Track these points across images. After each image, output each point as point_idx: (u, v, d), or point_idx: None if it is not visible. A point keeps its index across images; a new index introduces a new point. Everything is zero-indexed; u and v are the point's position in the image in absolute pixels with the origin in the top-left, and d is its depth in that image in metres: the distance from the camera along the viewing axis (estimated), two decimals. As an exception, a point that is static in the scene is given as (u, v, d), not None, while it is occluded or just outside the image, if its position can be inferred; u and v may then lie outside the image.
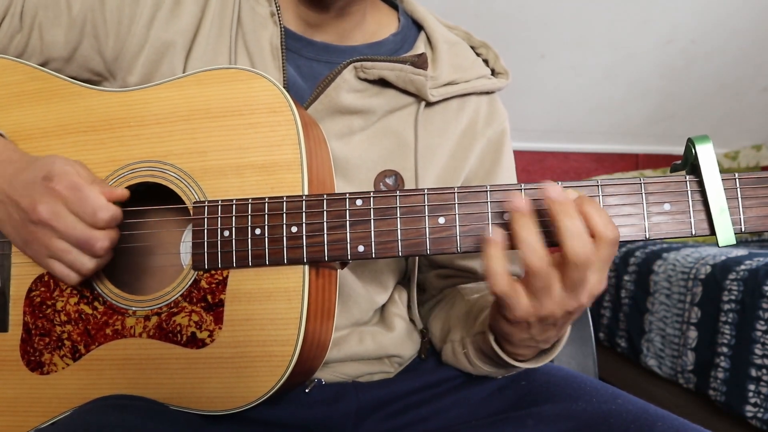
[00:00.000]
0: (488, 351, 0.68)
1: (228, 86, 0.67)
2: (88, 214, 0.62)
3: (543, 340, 0.62)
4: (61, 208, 0.62)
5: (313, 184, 0.65)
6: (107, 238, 0.63)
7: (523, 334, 0.61)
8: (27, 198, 0.63)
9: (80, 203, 0.62)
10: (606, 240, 0.54)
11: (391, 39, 0.83)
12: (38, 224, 0.62)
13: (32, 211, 0.62)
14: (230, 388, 0.63)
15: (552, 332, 0.61)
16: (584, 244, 0.52)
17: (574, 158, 3.07)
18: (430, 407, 0.74)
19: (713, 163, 0.56)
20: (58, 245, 0.63)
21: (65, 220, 0.62)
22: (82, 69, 0.78)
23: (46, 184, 0.63)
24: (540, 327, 0.59)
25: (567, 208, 0.53)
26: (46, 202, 0.62)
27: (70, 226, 0.62)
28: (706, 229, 0.57)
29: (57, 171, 0.63)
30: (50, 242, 0.63)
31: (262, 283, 0.63)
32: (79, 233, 0.62)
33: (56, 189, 0.62)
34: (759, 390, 1.57)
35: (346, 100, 0.75)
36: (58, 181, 0.62)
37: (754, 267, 1.67)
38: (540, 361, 0.68)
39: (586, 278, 0.54)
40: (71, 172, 0.64)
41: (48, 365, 0.68)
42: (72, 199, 0.62)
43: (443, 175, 0.80)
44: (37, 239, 0.63)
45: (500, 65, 0.85)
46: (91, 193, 0.63)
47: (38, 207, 0.62)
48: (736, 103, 2.86)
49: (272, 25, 0.76)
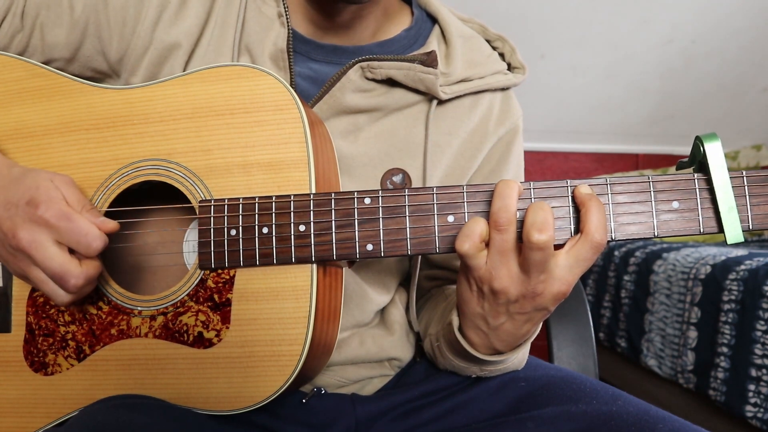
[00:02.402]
0: (451, 339, 0.69)
1: (233, 83, 0.66)
2: (82, 243, 0.60)
3: (496, 327, 0.63)
4: (44, 238, 0.60)
5: (320, 182, 0.65)
6: (83, 275, 0.60)
7: (476, 307, 0.62)
8: (8, 221, 0.61)
9: (71, 233, 0.60)
10: (589, 239, 0.56)
11: (403, 35, 0.81)
12: (17, 250, 0.60)
13: (12, 237, 0.60)
14: (238, 388, 0.63)
15: (504, 319, 0.62)
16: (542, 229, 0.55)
17: (574, 158, 3.07)
18: (430, 412, 0.74)
19: (722, 161, 0.57)
20: (35, 274, 0.61)
21: (44, 252, 0.60)
22: (85, 68, 0.77)
23: (30, 211, 0.60)
24: (492, 305, 0.60)
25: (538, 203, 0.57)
26: (28, 229, 0.60)
27: (47, 258, 0.59)
28: (715, 227, 0.57)
29: (42, 197, 0.61)
30: (28, 269, 0.61)
31: (269, 282, 0.63)
32: (56, 266, 0.59)
33: (43, 217, 0.60)
34: (759, 390, 1.57)
35: (351, 101, 0.74)
36: (45, 209, 0.60)
37: (754, 267, 1.67)
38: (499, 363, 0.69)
39: (544, 264, 0.56)
40: (58, 199, 0.61)
41: (52, 366, 0.67)
42: (62, 229, 0.60)
43: (450, 173, 0.80)
44: (17, 262, 0.62)
45: (516, 59, 0.84)
46: (82, 223, 0.60)
47: (18, 233, 0.60)
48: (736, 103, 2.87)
49: (279, 26, 0.75)
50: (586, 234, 0.56)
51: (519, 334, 0.64)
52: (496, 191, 0.57)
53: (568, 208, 0.59)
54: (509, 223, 0.56)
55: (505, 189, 0.57)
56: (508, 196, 0.57)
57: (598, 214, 0.56)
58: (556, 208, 0.59)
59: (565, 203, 0.59)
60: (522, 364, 0.75)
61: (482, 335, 0.65)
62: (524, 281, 0.58)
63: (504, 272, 0.58)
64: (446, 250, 0.60)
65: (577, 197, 0.58)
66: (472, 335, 0.66)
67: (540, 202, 0.56)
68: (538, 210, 0.56)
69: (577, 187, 0.59)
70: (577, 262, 0.57)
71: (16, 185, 0.63)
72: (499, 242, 0.57)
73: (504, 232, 0.56)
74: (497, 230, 0.56)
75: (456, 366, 0.73)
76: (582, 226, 0.56)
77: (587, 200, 0.57)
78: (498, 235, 0.57)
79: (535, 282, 0.57)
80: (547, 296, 0.58)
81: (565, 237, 0.59)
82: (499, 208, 0.56)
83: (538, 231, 0.54)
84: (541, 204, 0.56)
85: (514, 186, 0.57)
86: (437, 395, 0.75)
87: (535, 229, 0.54)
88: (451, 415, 0.73)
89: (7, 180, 0.64)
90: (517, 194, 0.57)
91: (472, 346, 0.67)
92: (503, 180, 0.58)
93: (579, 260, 0.56)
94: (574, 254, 0.57)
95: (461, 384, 0.76)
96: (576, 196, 0.58)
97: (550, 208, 0.56)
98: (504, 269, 0.57)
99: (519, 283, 0.58)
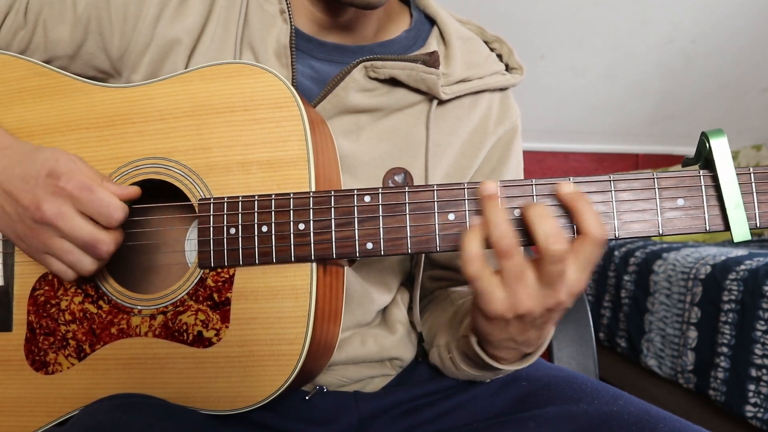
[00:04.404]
0: (471, 354, 0.67)
1: (232, 81, 0.66)
2: (103, 214, 0.61)
3: (524, 341, 0.61)
4: (68, 209, 0.61)
5: (320, 180, 0.64)
6: (113, 241, 0.62)
7: (502, 334, 0.60)
8: (28, 194, 0.61)
9: (93, 204, 0.61)
10: (591, 238, 0.53)
11: (404, 36, 0.82)
12: (40, 223, 0.61)
13: (36, 210, 0.60)
14: (237, 387, 0.62)
15: (532, 333, 0.60)
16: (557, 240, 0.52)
17: (574, 158, 3.07)
18: (431, 411, 0.73)
19: (728, 157, 0.55)
20: (60, 245, 0.61)
21: (72, 222, 0.60)
22: (87, 67, 0.77)
23: (52, 182, 0.61)
24: (519, 326, 0.58)
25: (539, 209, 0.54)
26: (52, 201, 0.60)
27: (76, 228, 0.60)
28: (721, 224, 0.56)
29: (63, 169, 0.61)
30: (51, 241, 0.62)
31: (269, 281, 0.63)
32: (87, 235, 0.61)
33: (66, 188, 0.61)
34: (759, 390, 1.57)
35: (354, 100, 0.74)
36: (67, 180, 0.61)
37: (754, 267, 1.67)
38: (524, 362, 0.67)
39: (563, 273, 0.54)
40: (78, 170, 0.62)
41: (53, 365, 0.67)
42: (84, 200, 0.61)
43: (451, 173, 0.80)
44: (36, 236, 0.62)
45: (514, 60, 0.84)
46: (104, 194, 0.61)
47: (43, 206, 0.60)
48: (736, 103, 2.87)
49: (281, 23, 0.75)
50: (587, 234, 0.54)
51: (545, 334, 0.63)
52: (488, 221, 0.55)
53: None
54: (514, 246, 0.54)
55: (494, 216, 0.54)
56: (500, 222, 0.54)
57: (591, 210, 0.54)
58: None
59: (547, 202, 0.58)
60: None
61: (512, 351, 0.64)
62: (547, 295, 0.55)
63: (524, 295, 0.55)
64: (447, 248, 0.59)
65: (563, 199, 0.56)
66: (501, 353, 0.64)
67: (539, 209, 0.54)
68: (544, 219, 0.53)
69: (558, 188, 0.56)
70: (587, 262, 0.55)
71: (32, 159, 0.63)
72: (511, 268, 0.54)
73: (513, 257, 0.54)
74: (506, 258, 0.54)
75: (471, 375, 0.72)
76: (580, 228, 0.54)
77: (575, 201, 0.55)
78: (508, 262, 0.54)
79: (560, 292, 0.55)
80: (569, 299, 0.56)
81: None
82: (499, 237, 0.54)
83: (554, 243, 0.52)
84: (542, 211, 0.54)
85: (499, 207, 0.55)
86: (439, 394, 0.75)
87: (551, 241, 0.52)
88: (452, 414, 0.73)
89: (21, 154, 0.64)
90: (505, 214, 0.55)
91: (500, 362, 0.66)
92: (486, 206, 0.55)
93: (588, 260, 0.55)
94: (582, 256, 0.54)
95: (463, 384, 0.75)
96: (560, 198, 0.56)
97: (550, 211, 0.54)
98: (523, 292, 0.55)
99: (542, 298, 0.55)
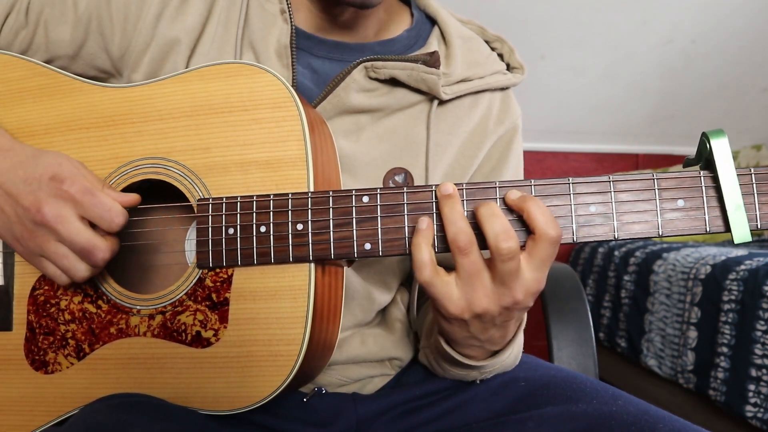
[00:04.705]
0: (443, 353, 0.69)
1: (231, 81, 0.66)
2: (105, 218, 0.61)
3: (487, 339, 0.62)
4: (69, 212, 0.61)
5: (319, 181, 0.64)
6: (109, 249, 0.62)
7: (464, 332, 0.61)
8: (30, 196, 0.61)
9: (95, 207, 0.61)
10: (545, 238, 0.55)
11: (404, 35, 0.81)
12: (40, 225, 0.61)
13: (36, 212, 0.60)
14: (236, 387, 0.62)
15: (494, 331, 0.61)
16: (507, 238, 0.54)
17: (574, 158, 3.07)
18: (430, 411, 0.74)
19: (728, 158, 0.55)
20: (56, 249, 0.61)
21: (70, 226, 0.60)
22: (88, 66, 0.77)
23: (55, 185, 0.61)
24: (479, 325, 0.60)
25: (490, 209, 0.56)
26: (53, 204, 0.61)
27: (74, 232, 0.60)
28: (721, 225, 0.56)
29: (66, 173, 0.62)
30: (47, 244, 0.62)
31: (267, 281, 0.63)
32: (84, 241, 0.61)
33: (69, 192, 0.61)
34: (759, 390, 1.57)
35: (355, 100, 0.74)
36: (71, 184, 0.61)
37: (754, 267, 1.67)
38: (497, 359, 0.68)
39: (517, 272, 0.55)
40: (81, 175, 0.62)
41: (52, 364, 0.67)
42: (86, 204, 0.61)
43: (451, 173, 0.79)
44: (34, 238, 0.62)
45: (515, 59, 0.84)
46: (106, 198, 0.62)
47: (44, 208, 0.60)
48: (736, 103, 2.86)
49: (282, 22, 0.75)
50: (540, 234, 0.55)
51: (509, 332, 0.64)
52: (444, 218, 0.56)
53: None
54: (471, 243, 0.55)
55: (451, 214, 0.56)
56: (457, 219, 0.56)
57: (541, 209, 0.55)
58: None
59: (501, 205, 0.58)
60: (519, 356, 0.74)
61: (477, 349, 0.66)
62: (503, 294, 0.57)
63: (480, 293, 0.57)
64: (445, 249, 0.59)
65: (512, 204, 0.57)
66: (467, 351, 0.67)
67: (489, 208, 0.55)
68: (493, 218, 0.55)
69: (506, 196, 0.58)
70: (542, 261, 0.56)
71: (35, 161, 0.63)
72: (467, 265, 0.56)
73: (469, 253, 0.55)
74: (463, 254, 0.55)
75: (456, 374, 0.73)
76: (532, 228, 0.55)
77: (522, 203, 0.56)
78: (465, 258, 0.55)
79: (515, 291, 0.56)
80: (527, 298, 0.58)
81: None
82: (455, 234, 0.55)
83: (504, 240, 0.53)
84: (492, 210, 0.55)
85: (457, 206, 0.57)
86: (438, 395, 0.75)
87: (501, 239, 0.54)
88: (451, 415, 0.73)
89: (23, 156, 0.64)
90: (462, 212, 0.56)
91: (470, 359, 0.67)
92: (444, 203, 0.57)
93: (543, 259, 0.56)
94: (536, 255, 0.56)
95: (462, 384, 0.76)
96: (509, 203, 0.58)
97: (500, 210, 0.55)
98: (479, 290, 0.56)
99: (498, 297, 0.57)
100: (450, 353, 0.67)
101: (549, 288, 1.14)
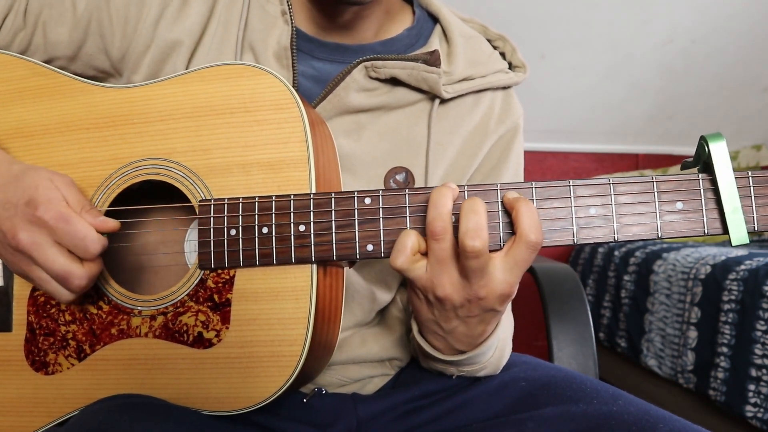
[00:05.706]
0: (415, 342, 0.71)
1: (233, 82, 0.66)
2: (79, 247, 0.60)
3: (450, 331, 0.64)
4: (44, 239, 0.60)
5: (320, 182, 0.64)
6: (86, 275, 0.61)
7: (428, 315, 0.63)
8: (7, 221, 0.61)
9: (68, 236, 0.60)
10: (524, 240, 0.56)
11: (405, 34, 0.81)
12: (17, 251, 0.61)
13: (12, 238, 0.60)
14: (237, 388, 0.62)
15: (458, 325, 0.63)
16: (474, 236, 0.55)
17: (574, 158, 3.07)
18: (430, 412, 0.74)
19: (727, 161, 0.56)
20: (38, 274, 0.61)
21: (45, 253, 0.60)
22: (87, 67, 0.77)
23: (30, 211, 0.60)
24: (441, 311, 0.61)
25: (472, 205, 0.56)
26: (28, 230, 0.60)
27: (49, 259, 0.60)
28: (719, 228, 0.57)
29: (42, 198, 0.61)
30: (29, 268, 0.62)
31: (269, 282, 0.63)
32: (59, 268, 0.60)
33: (42, 218, 0.60)
34: (759, 390, 1.57)
35: (355, 100, 0.74)
36: (45, 211, 0.60)
37: (754, 267, 1.67)
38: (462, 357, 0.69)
39: (483, 270, 0.56)
40: (57, 200, 0.61)
41: (53, 365, 0.67)
42: (59, 231, 0.60)
43: (451, 172, 0.79)
44: (17, 263, 0.62)
45: (517, 58, 0.84)
46: (81, 225, 0.60)
47: (18, 234, 0.60)
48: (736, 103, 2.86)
49: (283, 24, 0.75)
50: (520, 236, 0.56)
51: (475, 334, 0.65)
52: (430, 200, 0.58)
53: (499, 213, 0.59)
54: (445, 232, 0.56)
55: (438, 198, 0.57)
56: (442, 204, 0.57)
57: (529, 213, 0.56)
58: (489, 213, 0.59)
59: (495, 208, 0.59)
60: (500, 363, 0.75)
61: (440, 339, 0.67)
62: (466, 287, 0.58)
63: (445, 279, 0.58)
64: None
65: (506, 203, 0.59)
66: (432, 340, 0.68)
67: (473, 203, 0.56)
68: (471, 214, 0.55)
69: (504, 195, 0.59)
70: (516, 264, 0.57)
71: (15, 184, 0.62)
72: (437, 251, 0.57)
73: (441, 241, 0.57)
74: (434, 240, 0.57)
75: (434, 367, 0.74)
76: (516, 228, 0.56)
77: (515, 202, 0.57)
78: (436, 244, 0.57)
79: (477, 287, 0.58)
80: (492, 299, 0.59)
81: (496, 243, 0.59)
82: (434, 218, 0.57)
83: (471, 238, 0.54)
84: (473, 206, 0.56)
85: (448, 193, 0.57)
86: (438, 395, 0.75)
87: (469, 237, 0.54)
88: (451, 415, 0.73)
89: (6, 178, 0.64)
90: (451, 201, 0.57)
91: (435, 350, 0.69)
92: (437, 188, 0.58)
93: (517, 261, 0.57)
94: (511, 256, 0.57)
95: (461, 384, 0.76)
96: (504, 202, 0.59)
97: (483, 209, 0.56)
98: (445, 277, 0.58)
99: (461, 289, 0.58)
100: (418, 339, 0.69)
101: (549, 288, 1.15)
